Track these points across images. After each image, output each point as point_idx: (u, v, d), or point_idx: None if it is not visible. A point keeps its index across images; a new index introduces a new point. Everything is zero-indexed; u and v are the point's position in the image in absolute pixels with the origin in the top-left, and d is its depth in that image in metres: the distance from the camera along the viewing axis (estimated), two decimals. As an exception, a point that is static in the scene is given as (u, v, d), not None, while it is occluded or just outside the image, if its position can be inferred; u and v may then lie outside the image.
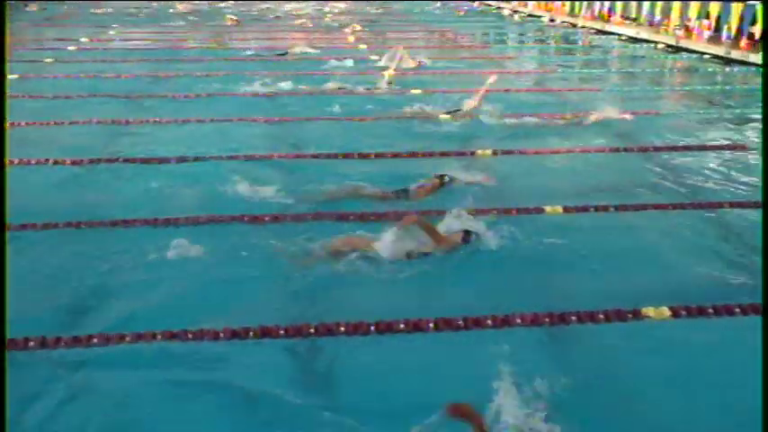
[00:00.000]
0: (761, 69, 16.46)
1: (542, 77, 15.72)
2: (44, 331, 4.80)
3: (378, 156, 8.98)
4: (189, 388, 4.38)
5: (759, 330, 5.02)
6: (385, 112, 11.44)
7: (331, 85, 13.53)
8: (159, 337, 4.77)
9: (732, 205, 7.48)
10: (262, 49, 18.90)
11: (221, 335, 4.82)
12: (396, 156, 8.96)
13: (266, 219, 6.80)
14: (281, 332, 4.88)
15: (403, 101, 12.24)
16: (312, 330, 4.93)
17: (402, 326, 4.95)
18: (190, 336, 4.79)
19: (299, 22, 27.26)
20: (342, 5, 35.67)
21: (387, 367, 4.62)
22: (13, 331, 4.27)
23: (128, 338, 4.75)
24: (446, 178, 7.64)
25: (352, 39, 21.71)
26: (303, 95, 12.87)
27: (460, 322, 4.98)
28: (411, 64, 15.49)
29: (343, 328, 4.92)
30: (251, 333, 4.85)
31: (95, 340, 4.74)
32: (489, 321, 4.99)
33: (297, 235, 6.41)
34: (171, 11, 31.26)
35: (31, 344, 4.69)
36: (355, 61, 16.60)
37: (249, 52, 18.38)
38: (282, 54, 17.83)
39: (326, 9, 33.53)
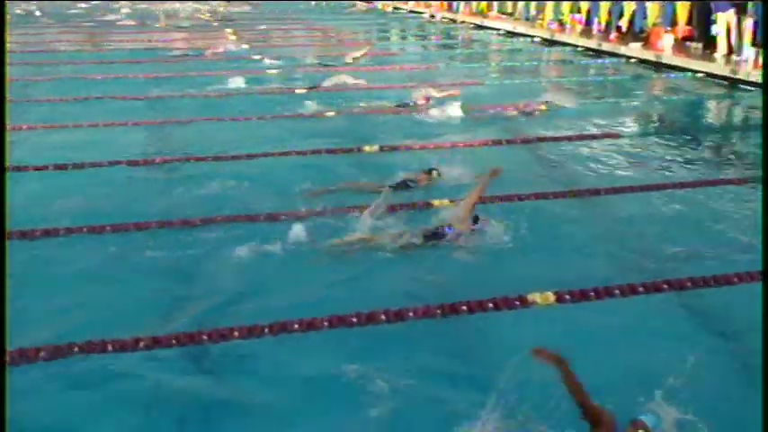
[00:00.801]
0: (630, 60, 17.29)
1: (426, 73, 15.93)
2: None
3: (265, 155, 8.90)
4: (80, 403, 4.22)
5: (639, 312, 5.30)
6: (270, 111, 11.36)
7: (214, 86, 13.33)
8: (43, 353, 4.56)
9: (608, 191, 7.82)
10: (139, 50, 18.39)
11: (109, 347, 4.65)
12: (284, 154, 8.91)
13: (152, 225, 6.61)
14: (173, 341, 4.76)
15: (286, 100, 12.18)
16: (205, 337, 4.83)
17: (296, 326, 4.92)
18: (76, 349, 4.60)
19: (177, 22, 26.68)
20: (219, 5, 35.09)
21: (283, 368, 4.59)
22: None
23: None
24: (434, 173, 7.84)
25: (234, 37, 21.42)
26: (184, 97, 12.60)
27: (354, 319, 5.00)
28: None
29: (236, 333, 4.85)
30: (141, 344, 4.70)
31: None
32: (382, 316, 5.03)
33: (192, 240, 6.31)
34: (38, 13, 29.88)
35: None
36: (238, 60, 16.44)
37: (127, 53, 17.87)
38: (182, 55, 17.44)
39: (203, 8, 32.92)
